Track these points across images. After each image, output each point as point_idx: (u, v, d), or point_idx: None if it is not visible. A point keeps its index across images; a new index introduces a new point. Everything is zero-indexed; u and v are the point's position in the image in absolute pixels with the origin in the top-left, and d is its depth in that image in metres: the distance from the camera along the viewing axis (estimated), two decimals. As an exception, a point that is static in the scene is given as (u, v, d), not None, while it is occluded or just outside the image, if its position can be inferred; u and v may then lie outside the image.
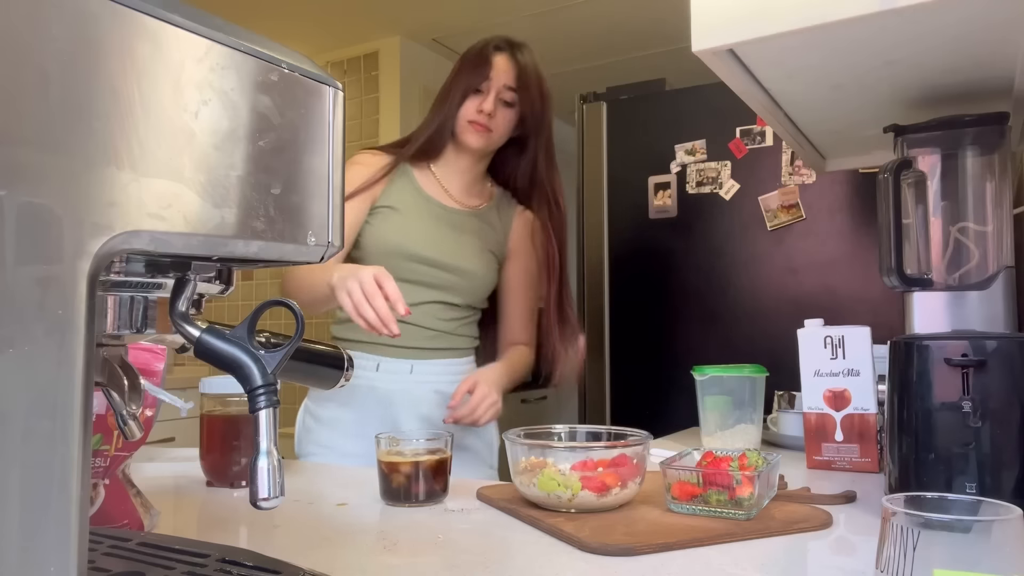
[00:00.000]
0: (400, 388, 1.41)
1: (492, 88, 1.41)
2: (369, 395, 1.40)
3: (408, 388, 1.41)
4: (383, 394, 1.40)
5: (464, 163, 1.48)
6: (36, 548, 0.32)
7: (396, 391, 1.40)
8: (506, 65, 1.42)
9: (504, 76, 1.41)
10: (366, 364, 1.39)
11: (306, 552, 0.74)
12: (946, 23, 0.80)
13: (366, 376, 1.39)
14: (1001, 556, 0.42)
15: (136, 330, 0.45)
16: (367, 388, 1.40)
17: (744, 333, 2.06)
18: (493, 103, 1.40)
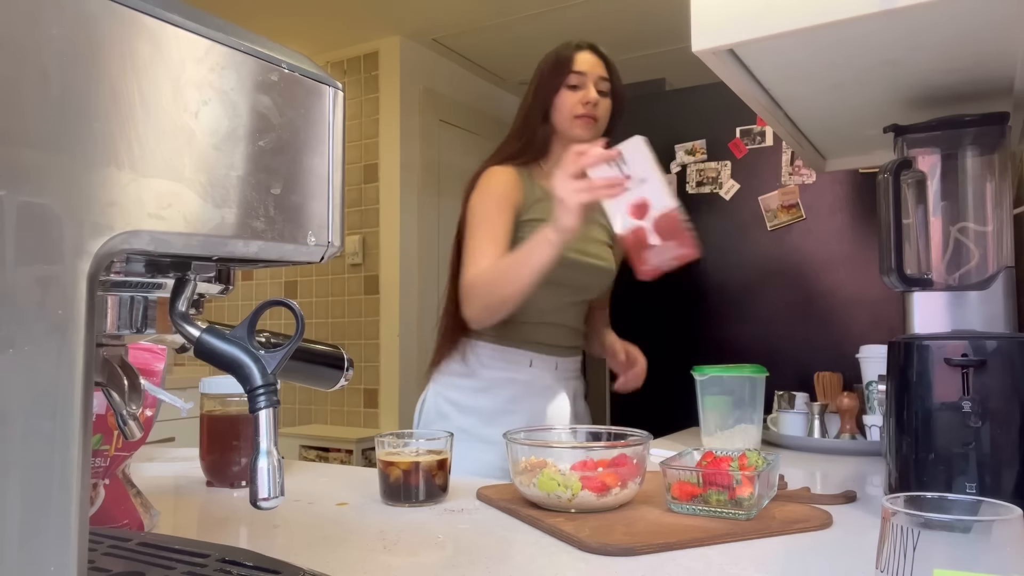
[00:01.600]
0: (548, 383, 1.52)
1: (589, 81, 1.48)
2: (519, 388, 1.50)
3: (555, 383, 1.53)
4: (533, 388, 1.51)
5: None
6: (36, 548, 0.32)
7: (545, 386, 1.52)
8: (594, 59, 1.50)
9: (596, 68, 1.50)
10: (520, 360, 1.51)
11: (306, 552, 0.74)
12: (946, 23, 0.80)
13: (520, 371, 1.51)
14: (1001, 556, 0.42)
15: (136, 330, 0.45)
16: (521, 382, 1.50)
17: (744, 333, 2.06)
18: (595, 93, 1.47)
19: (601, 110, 1.49)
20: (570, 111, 1.47)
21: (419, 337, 3.63)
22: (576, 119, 1.47)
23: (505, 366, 1.51)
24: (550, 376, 1.52)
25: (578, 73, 1.48)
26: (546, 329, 1.50)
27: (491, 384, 1.50)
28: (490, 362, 1.51)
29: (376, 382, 3.65)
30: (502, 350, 1.51)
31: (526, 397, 1.50)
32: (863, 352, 1.49)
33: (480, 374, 1.51)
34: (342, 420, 3.78)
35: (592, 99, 1.47)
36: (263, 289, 4.05)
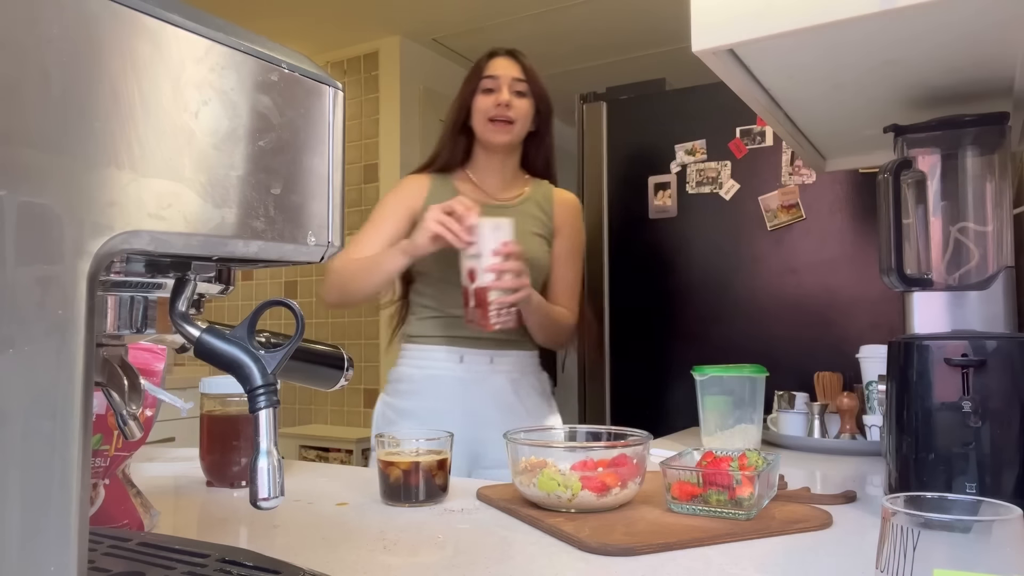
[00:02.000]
0: (482, 378, 1.52)
1: (503, 84, 1.52)
2: (453, 385, 1.50)
3: (488, 378, 1.52)
4: (467, 384, 1.51)
5: (495, 162, 1.59)
6: (36, 548, 0.32)
7: (479, 381, 1.51)
8: (508, 63, 1.54)
9: (510, 71, 1.53)
10: (450, 357, 1.52)
11: (306, 552, 0.74)
12: (946, 23, 0.80)
13: (450, 368, 1.51)
14: (1001, 556, 0.42)
15: (136, 330, 0.45)
16: (451, 379, 1.51)
17: (744, 333, 2.06)
18: (508, 94, 1.51)
19: (517, 112, 1.52)
20: (484, 114, 1.52)
21: (419, 337, 3.62)
22: (490, 122, 1.52)
23: (435, 364, 1.52)
24: (484, 370, 1.51)
25: (491, 77, 1.52)
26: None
27: (423, 384, 1.52)
28: (421, 363, 1.54)
29: (376, 382, 3.65)
30: (431, 349, 1.53)
31: (460, 394, 1.49)
32: (863, 352, 1.49)
33: (412, 376, 1.54)
34: (342, 420, 3.78)
35: (504, 101, 1.50)
36: (263, 289, 4.05)
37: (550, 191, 1.64)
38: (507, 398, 1.52)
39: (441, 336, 1.52)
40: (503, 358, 1.53)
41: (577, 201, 1.68)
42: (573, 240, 1.64)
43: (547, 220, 1.60)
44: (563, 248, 1.61)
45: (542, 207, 1.60)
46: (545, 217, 1.60)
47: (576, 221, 1.65)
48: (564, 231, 1.62)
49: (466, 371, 1.51)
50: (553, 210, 1.61)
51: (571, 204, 1.66)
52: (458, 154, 1.58)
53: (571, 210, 1.65)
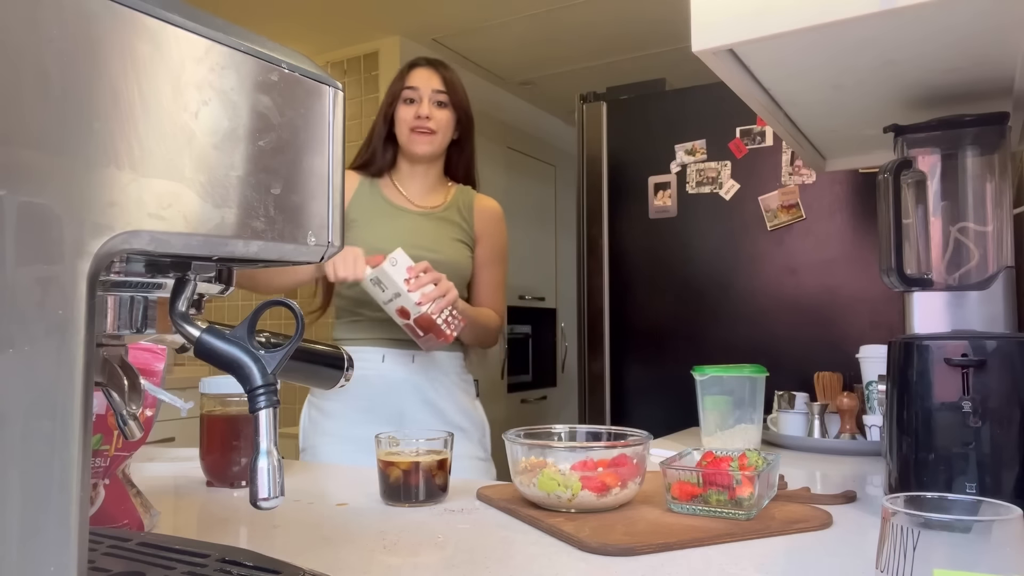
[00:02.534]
0: (404, 377, 1.54)
1: (423, 95, 1.56)
2: (376, 384, 1.52)
3: (410, 376, 1.54)
4: (389, 383, 1.53)
5: (419, 170, 1.63)
6: (36, 548, 0.32)
7: (400, 379, 1.53)
8: (428, 74, 1.59)
9: (430, 82, 1.58)
10: (372, 357, 1.53)
11: (306, 552, 0.74)
12: (946, 23, 0.80)
13: (373, 368, 1.53)
14: (1001, 556, 0.42)
15: (136, 330, 0.45)
16: (375, 377, 1.52)
17: (744, 333, 2.06)
18: (428, 107, 1.55)
19: (438, 123, 1.56)
20: (406, 124, 1.56)
21: (419, 337, 3.63)
22: (412, 132, 1.56)
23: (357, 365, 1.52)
24: (405, 371, 1.53)
25: (411, 88, 1.57)
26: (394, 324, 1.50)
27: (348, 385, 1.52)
28: None
29: (376, 382, 3.64)
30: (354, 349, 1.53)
31: (385, 393, 1.52)
32: (863, 352, 1.49)
33: None
34: (342, 420, 3.77)
35: (423, 113, 1.54)
36: (263, 289, 4.04)
37: (471, 198, 1.68)
38: (429, 395, 1.55)
39: (364, 338, 1.55)
40: (424, 357, 1.55)
41: (497, 207, 1.72)
42: (495, 245, 1.69)
43: (468, 227, 1.65)
44: (485, 253, 1.66)
45: (463, 214, 1.65)
46: (466, 224, 1.64)
47: (496, 226, 1.70)
48: (485, 237, 1.66)
49: (389, 370, 1.54)
50: (474, 217, 1.66)
51: (491, 210, 1.70)
52: (386, 161, 1.63)
53: (492, 216, 1.69)
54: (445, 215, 1.62)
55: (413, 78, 1.58)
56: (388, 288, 1.39)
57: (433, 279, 1.39)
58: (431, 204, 1.63)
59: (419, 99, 1.56)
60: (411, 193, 1.63)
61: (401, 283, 1.38)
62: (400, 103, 1.57)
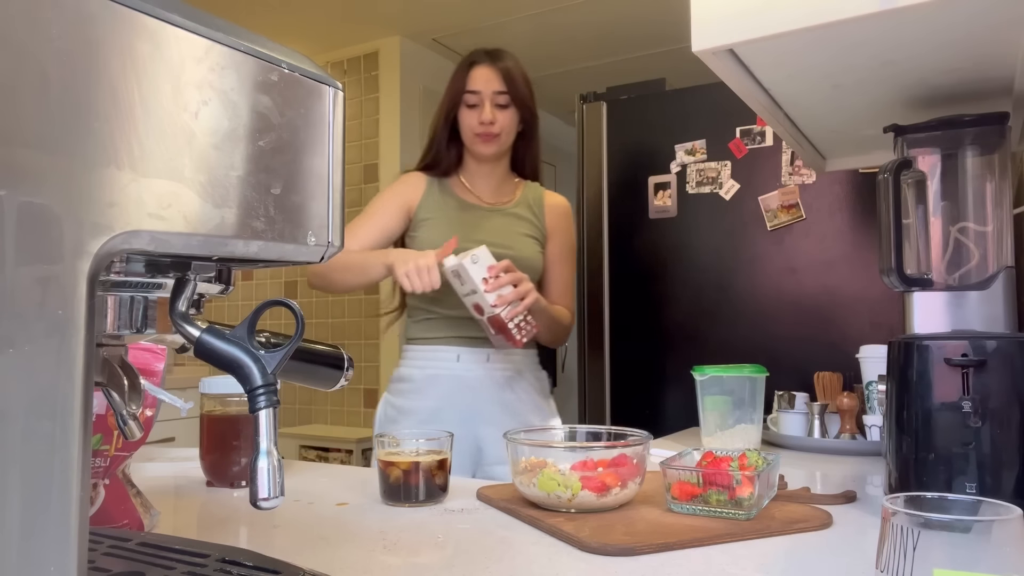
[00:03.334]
0: (479, 375, 1.54)
1: (485, 99, 1.54)
2: (451, 383, 1.54)
3: (486, 375, 1.55)
4: (464, 382, 1.54)
5: (485, 168, 1.63)
6: (36, 548, 0.32)
7: (476, 378, 1.54)
8: (488, 74, 1.55)
9: (491, 84, 1.54)
10: (447, 356, 1.55)
11: (306, 552, 0.74)
12: (946, 23, 0.80)
13: (448, 367, 1.55)
14: (1001, 556, 0.42)
15: (136, 330, 0.45)
16: (450, 377, 1.54)
17: (744, 333, 2.06)
18: (491, 112, 1.53)
19: (501, 125, 1.55)
20: (470, 129, 1.56)
21: (419, 337, 3.63)
22: (476, 137, 1.55)
23: (432, 364, 1.56)
24: (480, 369, 1.54)
25: (473, 92, 1.54)
26: (469, 323, 1.51)
27: (423, 383, 1.55)
28: (419, 362, 1.58)
29: (376, 382, 3.65)
30: (429, 348, 1.57)
31: (458, 392, 1.52)
32: (863, 352, 1.49)
33: (413, 376, 1.57)
34: (342, 420, 3.78)
35: (486, 119, 1.53)
36: (263, 289, 4.05)
37: (540, 194, 1.68)
38: (504, 395, 1.55)
39: (439, 336, 1.56)
40: (500, 356, 1.56)
41: (567, 204, 1.72)
42: (565, 242, 1.68)
43: (538, 223, 1.64)
44: (556, 250, 1.66)
45: (533, 210, 1.64)
46: (536, 220, 1.64)
47: (567, 223, 1.70)
48: (557, 234, 1.66)
49: (464, 370, 1.54)
50: (544, 214, 1.66)
51: (561, 207, 1.70)
52: (451, 161, 1.63)
53: (562, 213, 1.69)
54: (516, 211, 1.62)
55: (474, 80, 1.55)
56: (466, 283, 1.39)
57: (513, 279, 1.38)
58: (501, 200, 1.63)
59: (480, 103, 1.54)
60: (480, 190, 1.63)
61: (479, 282, 1.37)
62: (462, 106, 1.55)
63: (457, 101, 1.56)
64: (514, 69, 1.57)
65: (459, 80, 1.56)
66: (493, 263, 1.38)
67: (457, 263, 1.38)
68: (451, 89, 1.58)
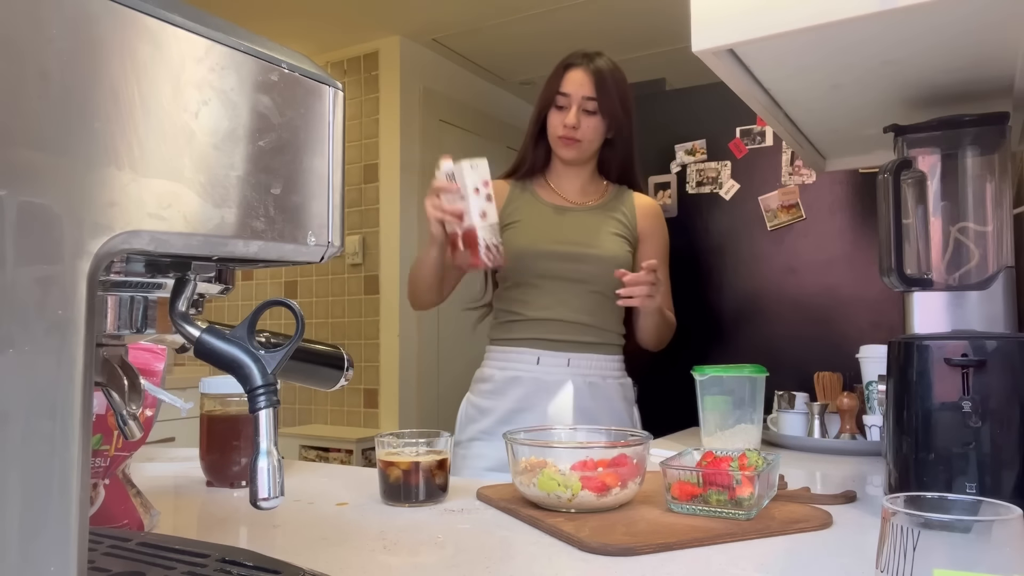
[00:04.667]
0: (558, 380, 1.51)
1: (573, 103, 1.53)
2: (530, 386, 1.52)
3: (565, 380, 1.51)
4: (543, 386, 1.51)
5: (572, 169, 1.63)
6: (36, 548, 0.32)
7: (555, 383, 1.51)
8: (582, 78, 1.54)
9: (582, 88, 1.53)
10: (527, 359, 1.54)
11: (306, 552, 0.74)
12: (946, 23, 0.80)
13: (528, 369, 1.54)
14: (1001, 556, 0.42)
15: (136, 330, 0.45)
16: (529, 380, 1.53)
17: (744, 333, 2.06)
18: (576, 116, 1.52)
19: (584, 131, 1.54)
20: (554, 131, 1.55)
21: (419, 337, 3.63)
22: (559, 139, 1.55)
23: (513, 366, 1.55)
24: (561, 372, 1.52)
25: (564, 95, 1.54)
26: (551, 325, 1.52)
27: (503, 385, 1.55)
28: (500, 363, 1.57)
29: (376, 382, 3.64)
30: (509, 350, 1.56)
31: (537, 395, 1.51)
32: (863, 352, 1.49)
33: (493, 376, 1.57)
34: (342, 420, 3.78)
35: (571, 123, 1.52)
36: (263, 289, 4.05)
37: (631, 198, 1.66)
38: (583, 401, 1.50)
39: (519, 338, 1.55)
40: (581, 360, 1.54)
41: (658, 206, 1.70)
42: (661, 244, 1.66)
43: (630, 224, 1.62)
44: (650, 250, 1.63)
45: (623, 211, 1.63)
46: (627, 220, 1.62)
47: (660, 224, 1.67)
48: (651, 236, 1.64)
49: (544, 372, 1.52)
50: (636, 214, 1.63)
51: (654, 208, 1.67)
52: (538, 161, 1.63)
53: (655, 214, 1.66)
54: (604, 209, 1.61)
55: (567, 82, 1.54)
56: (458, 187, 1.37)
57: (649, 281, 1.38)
58: (587, 200, 1.63)
59: (568, 106, 1.53)
60: (566, 191, 1.63)
61: (470, 189, 1.35)
62: (552, 107, 1.56)
63: (549, 102, 1.56)
64: (609, 76, 1.55)
65: (554, 81, 1.56)
66: (489, 179, 1.38)
67: (455, 165, 1.36)
68: (546, 89, 1.58)
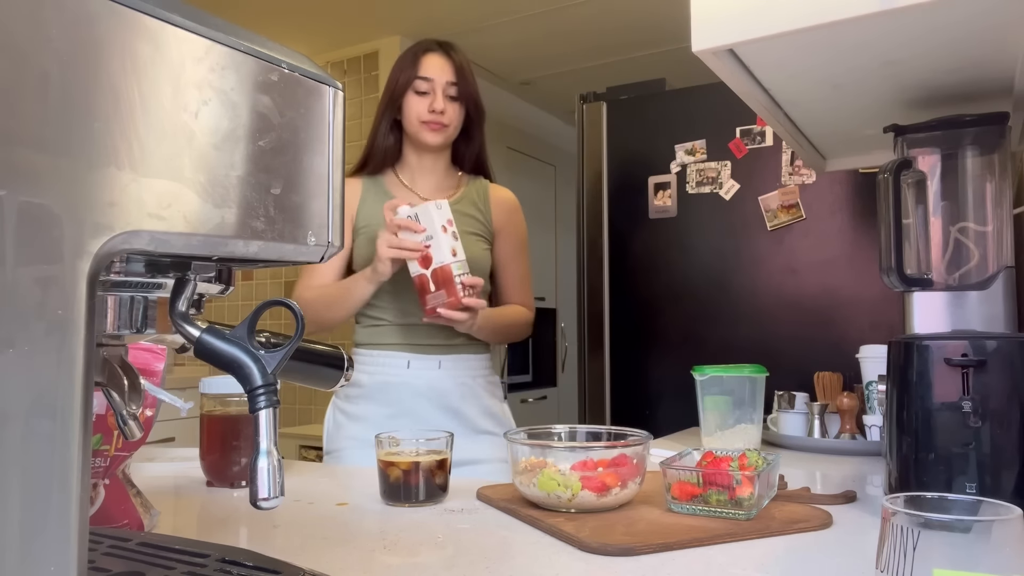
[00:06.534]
0: (429, 383, 1.50)
1: (437, 87, 1.49)
2: (401, 390, 1.49)
3: (436, 383, 1.50)
4: (414, 389, 1.49)
5: (427, 162, 1.58)
6: (36, 548, 0.32)
7: (425, 386, 1.49)
8: (442, 63, 1.51)
9: (444, 73, 1.50)
10: (397, 363, 1.51)
11: (306, 552, 0.74)
12: (946, 23, 0.80)
13: (397, 373, 1.50)
14: (1001, 556, 0.42)
15: (136, 330, 0.45)
16: (399, 384, 1.49)
17: (744, 333, 2.06)
18: (442, 99, 1.49)
19: (450, 116, 1.51)
20: (417, 116, 1.50)
21: (419, 337, 3.63)
22: (423, 124, 1.50)
23: (382, 370, 1.51)
24: (432, 375, 1.49)
25: (425, 79, 1.49)
26: (419, 328, 1.48)
27: (372, 390, 1.51)
28: (368, 367, 1.53)
29: (376, 382, 3.64)
30: (377, 354, 1.52)
31: (410, 399, 1.48)
32: (863, 352, 1.49)
33: (361, 381, 1.52)
34: (342, 420, 3.77)
35: (439, 108, 1.48)
36: (263, 289, 4.05)
37: (486, 189, 1.62)
38: (452, 402, 1.50)
39: (387, 343, 1.52)
40: (451, 362, 1.52)
41: (514, 197, 1.66)
42: (516, 238, 1.63)
43: (484, 219, 1.59)
44: (509, 249, 1.61)
45: (478, 206, 1.59)
46: (482, 216, 1.58)
47: (516, 217, 1.64)
48: (506, 230, 1.61)
49: (414, 376, 1.49)
50: (491, 208, 1.60)
51: (509, 201, 1.64)
52: (390, 152, 1.57)
53: (510, 207, 1.63)
54: (459, 208, 1.54)
55: (427, 67, 1.50)
56: (426, 229, 1.35)
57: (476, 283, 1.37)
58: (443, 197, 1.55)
59: (432, 91, 1.49)
60: (420, 187, 1.57)
61: (439, 227, 1.34)
62: (411, 92, 1.50)
63: (405, 87, 1.50)
64: (465, 64, 1.53)
65: (409, 66, 1.51)
66: (452, 219, 1.38)
67: (418, 208, 1.36)
68: (399, 74, 1.52)
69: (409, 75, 1.50)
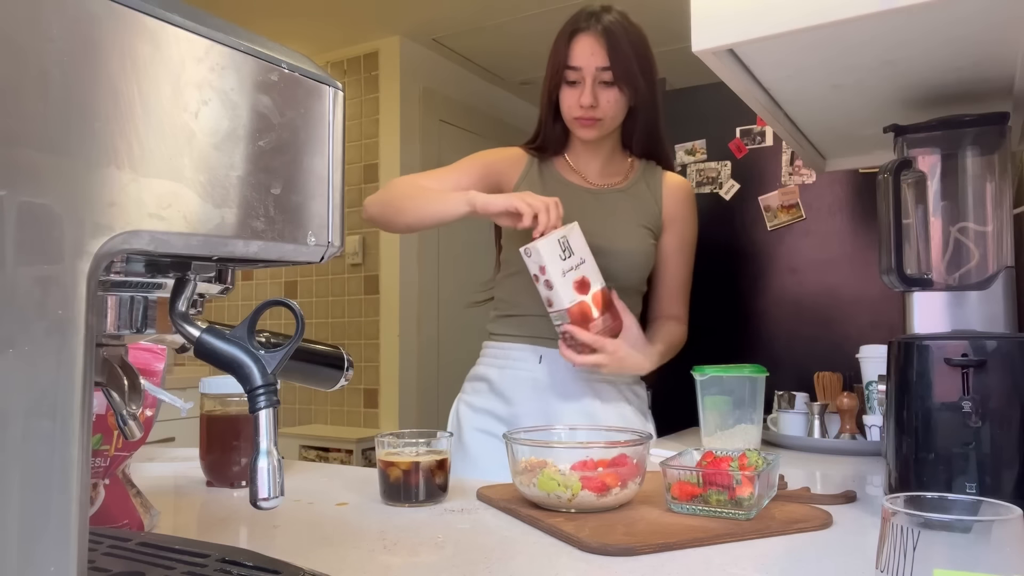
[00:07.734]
0: (560, 380, 1.38)
1: (586, 76, 1.34)
2: (529, 386, 1.39)
3: (568, 380, 1.38)
4: (544, 387, 1.38)
5: (592, 146, 1.45)
6: (36, 548, 0.32)
7: (556, 383, 1.38)
8: (592, 45, 1.34)
9: (593, 58, 1.34)
10: (529, 357, 1.40)
11: (306, 552, 0.74)
12: (946, 23, 0.80)
13: (528, 368, 1.40)
14: (1001, 556, 0.42)
15: (136, 330, 0.45)
16: (529, 379, 1.39)
17: (744, 333, 2.06)
18: (591, 93, 1.34)
19: (604, 108, 1.35)
20: (570, 113, 1.38)
21: (419, 337, 3.63)
22: (575, 120, 1.38)
23: (511, 363, 1.42)
24: (564, 373, 1.37)
25: (574, 68, 1.35)
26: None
27: (499, 384, 1.42)
28: (498, 361, 1.44)
29: (376, 382, 3.65)
30: (508, 347, 1.43)
31: (537, 395, 1.38)
32: (863, 352, 1.49)
33: (488, 375, 1.44)
34: (342, 420, 3.78)
35: (587, 102, 1.34)
36: (263, 289, 4.05)
37: (660, 178, 1.48)
38: (589, 406, 1.37)
39: (520, 335, 1.42)
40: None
41: (690, 186, 1.52)
42: (685, 232, 1.48)
43: (655, 208, 1.45)
44: (674, 242, 1.47)
45: (650, 197, 1.45)
46: (654, 203, 1.45)
47: (689, 210, 1.49)
48: (676, 223, 1.46)
49: (545, 373, 1.38)
50: (663, 196, 1.45)
51: (684, 190, 1.48)
52: (556, 139, 1.45)
53: (684, 197, 1.48)
54: (628, 192, 1.43)
55: (575, 54, 1.34)
56: (576, 252, 1.23)
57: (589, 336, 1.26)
58: (610, 182, 1.45)
59: (581, 81, 1.34)
60: (588, 172, 1.46)
61: (587, 251, 1.24)
62: (563, 84, 1.36)
63: (559, 79, 1.36)
64: (623, 36, 1.34)
65: (560, 52, 1.36)
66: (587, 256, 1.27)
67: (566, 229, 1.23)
68: (552, 62, 1.38)
69: (559, 64, 1.36)
